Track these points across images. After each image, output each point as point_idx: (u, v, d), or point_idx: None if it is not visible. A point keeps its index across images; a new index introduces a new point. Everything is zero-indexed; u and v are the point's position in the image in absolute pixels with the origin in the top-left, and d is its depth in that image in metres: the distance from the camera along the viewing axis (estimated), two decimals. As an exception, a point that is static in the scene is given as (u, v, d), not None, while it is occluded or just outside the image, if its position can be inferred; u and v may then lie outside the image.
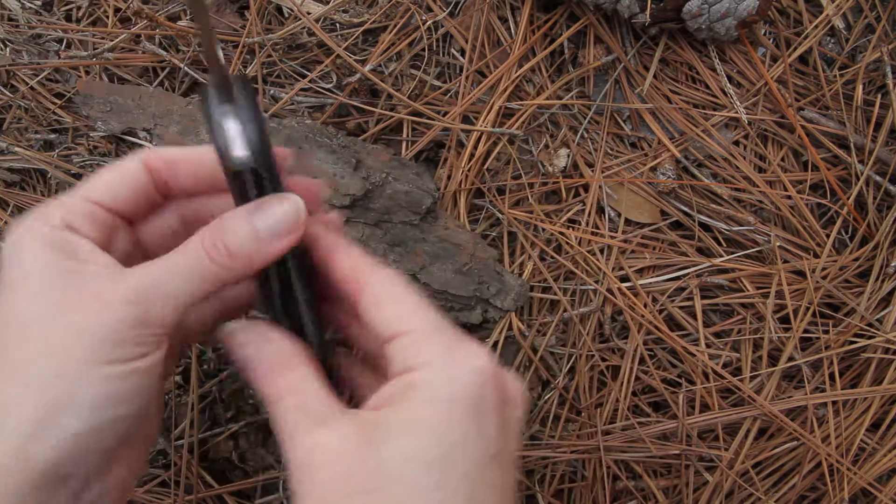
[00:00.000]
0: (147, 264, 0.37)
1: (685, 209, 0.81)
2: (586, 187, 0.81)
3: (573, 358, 0.78)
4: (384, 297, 0.39)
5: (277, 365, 0.39)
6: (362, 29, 0.80)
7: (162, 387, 0.42)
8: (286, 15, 0.82)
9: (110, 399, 0.35)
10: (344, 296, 0.41)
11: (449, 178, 0.79)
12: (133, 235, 0.43)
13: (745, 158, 0.83)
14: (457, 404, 0.35)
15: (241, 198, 0.39)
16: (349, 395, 0.46)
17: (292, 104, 0.80)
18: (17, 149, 0.78)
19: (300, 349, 0.41)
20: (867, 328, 0.78)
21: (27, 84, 0.79)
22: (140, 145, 0.76)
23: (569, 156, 0.82)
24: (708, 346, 0.79)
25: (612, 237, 0.80)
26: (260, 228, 0.38)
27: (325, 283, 0.43)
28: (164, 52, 0.79)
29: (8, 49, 0.80)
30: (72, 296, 0.35)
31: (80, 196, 0.40)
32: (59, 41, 0.82)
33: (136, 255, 0.44)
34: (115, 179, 0.41)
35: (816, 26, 0.84)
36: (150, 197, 0.43)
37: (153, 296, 0.36)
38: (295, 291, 0.42)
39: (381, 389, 0.37)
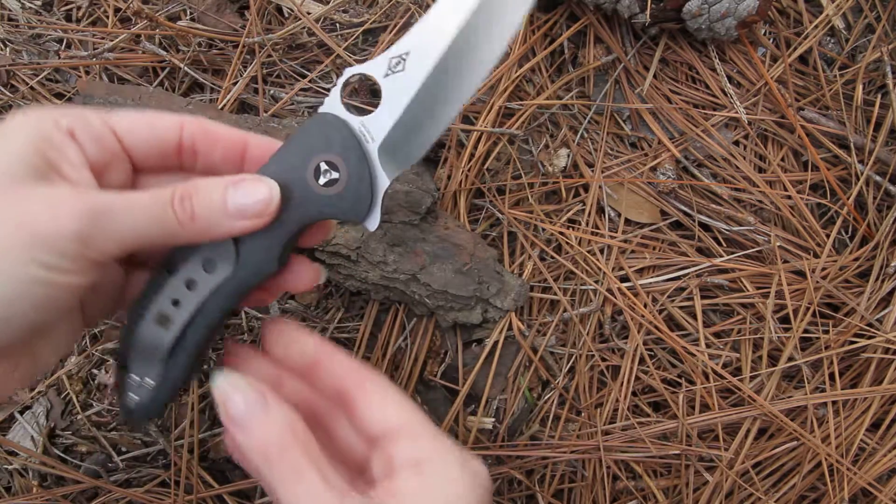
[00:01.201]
0: (112, 192, 0.37)
1: (685, 209, 0.81)
2: (586, 187, 0.81)
3: (573, 358, 0.78)
4: (382, 396, 0.42)
5: (291, 438, 0.39)
6: (362, 29, 0.80)
7: (75, 326, 0.43)
8: (286, 15, 0.82)
9: (25, 299, 0.35)
10: (337, 392, 0.44)
11: (449, 177, 0.79)
12: (132, 180, 0.44)
13: (745, 158, 0.83)
14: (476, 494, 0.39)
15: None
16: None
17: (292, 104, 0.80)
18: (17, 149, 0.78)
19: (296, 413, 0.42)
20: (867, 328, 0.78)
21: (27, 84, 0.79)
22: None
23: (569, 156, 0.82)
24: (708, 346, 0.79)
25: (612, 237, 0.80)
26: (230, 203, 0.39)
27: (317, 380, 0.45)
28: (164, 52, 0.79)
29: (8, 49, 0.80)
30: (30, 194, 0.36)
31: (103, 117, 0.41)
32: (59, 41, 0.82)
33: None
34: (145, 126, 0.42)
35: (816, 26, 0.84)
36: (168, 158, 0.43)
37: (104, 221, 0.36)
38: (202, 336, 0.44)
39: (393, 479, 0.40)
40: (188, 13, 0.82)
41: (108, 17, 0.81)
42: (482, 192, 0.80)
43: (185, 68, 0.78)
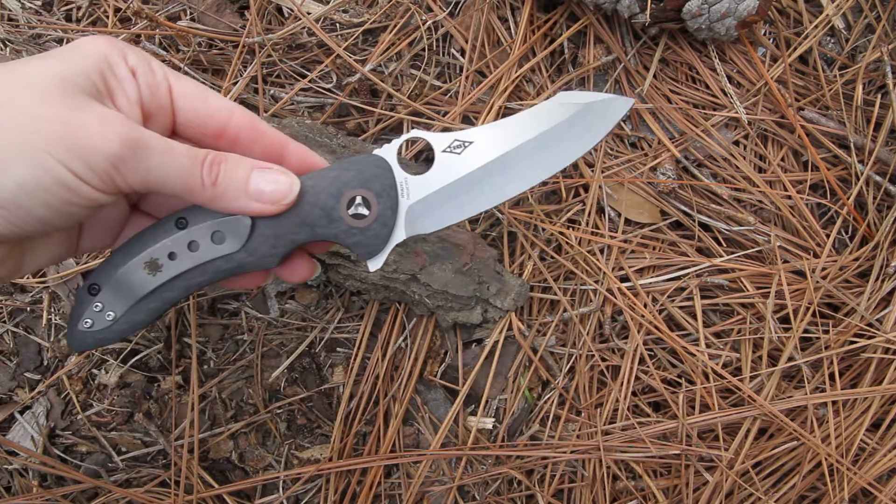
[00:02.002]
0: (156, 134, 0.40)
1: (685, 209, 0.81)
2: (586, 187, 0.81)
3: (573, 358, 0.78)
4: None
5: None
6: (362, 29, 0.80)
7: (67, 245, 0.46)
8: (286, 15, 0.82)
9: (43, 194, 0.37)
10: None
11: (449, 178, 0.79)
12: (170, 132, 0.46)
13: (745, 158, 0.83)
14: None
15: None
16: None
17: (292, 104, 0.80)
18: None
19: None
20: (867, 328, 0.78)
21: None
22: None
23: (569, 156, 0.81)
24: (708, 346, 0.79)
25: (612, 237, 0.80)
26: (251, 184, 0.42)
27: None
28: (164, 52, 0.79)
29: (8, 49, 0.80)
30: (83, 105, 0.38)
31: (166, 72, 0.43)
32: (59, 41, 0.82)
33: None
34: (199, 97, 0.45)
35: (816, 26, 0.84)
36: (206, 134, 0.46)
37: (141, 154, 0.38)
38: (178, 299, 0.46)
39: None
40: (188, 13, 0.82)
41: (108, 17, 0.81)
42: (482, 192, 0.80)
43: (185, 68, 0.78)
